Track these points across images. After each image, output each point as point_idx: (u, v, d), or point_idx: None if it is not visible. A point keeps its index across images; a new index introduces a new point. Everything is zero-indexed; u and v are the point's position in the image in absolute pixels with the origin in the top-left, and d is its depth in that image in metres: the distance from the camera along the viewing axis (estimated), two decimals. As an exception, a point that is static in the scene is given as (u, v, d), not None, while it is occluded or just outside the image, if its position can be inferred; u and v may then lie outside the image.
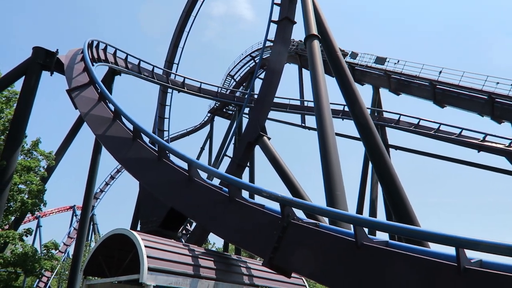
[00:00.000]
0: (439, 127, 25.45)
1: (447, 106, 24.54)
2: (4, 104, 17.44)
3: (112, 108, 13.34)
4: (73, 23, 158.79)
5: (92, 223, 49.45)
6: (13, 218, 17.38)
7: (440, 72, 24.47)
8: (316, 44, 15.88)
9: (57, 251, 30.98)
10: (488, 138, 23.68)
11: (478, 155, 23.76)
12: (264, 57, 29.53)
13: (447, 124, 25.30)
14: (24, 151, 17.96)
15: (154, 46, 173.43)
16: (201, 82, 30.38)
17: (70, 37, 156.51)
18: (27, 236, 18.54)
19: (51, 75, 18.54)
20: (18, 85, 18.11)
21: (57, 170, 20.98)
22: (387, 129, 27.77)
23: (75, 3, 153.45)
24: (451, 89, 24.06)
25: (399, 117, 27.17)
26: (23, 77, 17.72)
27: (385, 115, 28.43)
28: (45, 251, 18.01)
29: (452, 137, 24.67)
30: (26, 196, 17.05)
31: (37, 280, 40.71)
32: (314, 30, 16.43)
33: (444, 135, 25.09)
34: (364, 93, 32.77)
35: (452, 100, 24.17)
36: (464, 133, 24.55)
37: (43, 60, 17.98)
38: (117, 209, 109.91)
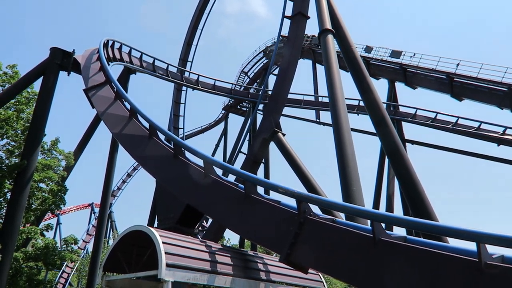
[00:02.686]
0: (457, 120, 25.00)
1: (465, 99, 24.07)
2: (24, 105, 17.79)
3: (128, 106, 13.49)
4: (82, 23, 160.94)
5: (110, 220, 50.23)
6: (33, 218, 17.75)
7: (458, 64, 23.99)
8: (330, 38, 15.78)
9: (77, 246, 31.60)
10: (508, 131, 23.14)
11: (498, 148, 23.31)
12: (277, 52, 29.45)
13: (465, 118, 24.84)
14: (44, 151, 18.29)
15: (167, 44, 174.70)
16: (215, 80, 30.46)
17: (77, 37, 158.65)
18: (47, 231, 18.97)
19: (68, 75, 18.78)
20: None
21: (75, 168, 21.35)
22: (404, 124, 27.44)
23: (85, 2, 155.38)
24: (469, 81, 23.56)
25: (416, 111, 26.78)
26: (41, 78, 18.03)
27: (401, 109, 28.06)
28: (64, 246, 18.38)
29: (471, 130, 24.20)
30: (46, 195, 17.39)
31: (58, 276, 41.63)
32: (328, 25, 16.32)
33: (462, 128, 24.63)
34: (380, 87, 32.47)
35: (470, 93, 23.70)
36: (483, 126, 24.04)
37: (60, 61, 18.23)
38: (134, 206, 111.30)
